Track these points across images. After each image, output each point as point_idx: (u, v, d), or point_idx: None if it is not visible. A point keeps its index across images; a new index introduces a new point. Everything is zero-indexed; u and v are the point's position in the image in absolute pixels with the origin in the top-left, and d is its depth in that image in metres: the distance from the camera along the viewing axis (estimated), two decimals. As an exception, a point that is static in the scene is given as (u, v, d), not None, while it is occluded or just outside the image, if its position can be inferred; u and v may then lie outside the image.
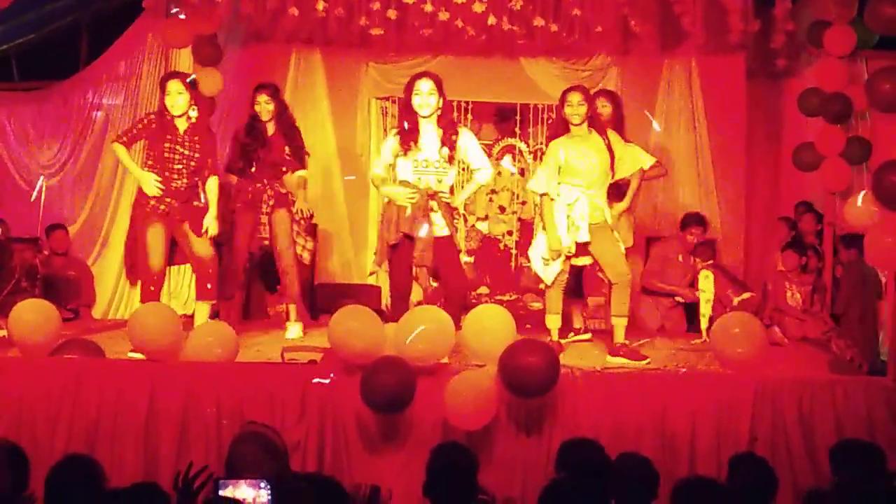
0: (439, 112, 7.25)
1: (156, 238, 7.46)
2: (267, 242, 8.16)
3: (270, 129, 8.08)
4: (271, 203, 8.04)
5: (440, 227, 7.22)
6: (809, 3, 8.96)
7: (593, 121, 7.37)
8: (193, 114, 7.54)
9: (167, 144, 7.46)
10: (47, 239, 9.34)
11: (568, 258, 7.33)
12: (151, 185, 7.42)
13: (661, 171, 8.66)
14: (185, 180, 7.48)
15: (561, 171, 7.29)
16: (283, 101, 8.26)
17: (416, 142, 7.23)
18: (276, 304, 9.24)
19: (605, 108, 8.10)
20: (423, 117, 7.21)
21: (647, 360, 7.22)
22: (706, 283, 8.47)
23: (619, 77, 10.02)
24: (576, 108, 7.27)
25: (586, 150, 7.28)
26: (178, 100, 7.47)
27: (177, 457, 6.29)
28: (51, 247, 9.31)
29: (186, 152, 7.47)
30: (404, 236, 7.20)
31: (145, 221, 7.49)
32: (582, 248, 7.30)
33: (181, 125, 7.50)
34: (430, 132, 7.23)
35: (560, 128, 7.43)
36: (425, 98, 7.19)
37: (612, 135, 7.52)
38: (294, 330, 8.13)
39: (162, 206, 7.45)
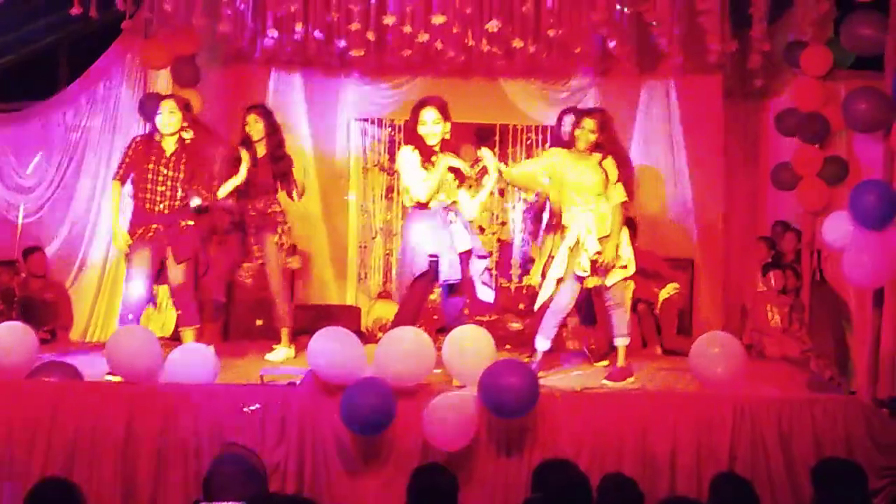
0: (447, 136, 7.27)
1: (138, 267, 7.41)
2: (248, 270, 8.13)
3: (260, 150, 8.07)
4: (253, 226, 8.01)
5: (462, 241, 7.23)
6: (786, 24, 9.02)
7: (599, 148, 7.37)
8: (187, 135, 7.50)
9: (150, 166, 7.42)
10: (24, 261, 9.27)
11: (581, 279, 7.33)
12: (119, 241, 7.47)
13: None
14: (167, 202, 7.42)
15: (563, 189, 7.34)
16: (275, 123, 8.21)
17: (429, 160, 7.23)
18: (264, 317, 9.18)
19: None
20: (431, 146, 7.23)
21: (632, 379, 7.27)
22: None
23: (598, 97, 10.04)
24: (586, 134, 7.30)
25: (582, 167, 7.31)
26: (170, 118, 7.44)
27: (155, 479, 6.27)
28: (28, 269, 9.24)
29: (171, 174, 7.42)
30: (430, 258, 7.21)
31: (133, 247, 7.44)
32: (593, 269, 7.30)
33: (168, 147, 7.47)
34: (438, 158, 7.24)
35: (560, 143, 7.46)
36: (430, 127, 7.22)
37: (609, 162, 7.43)
38: (280, 353, 8.05)
39: (149, 234, 7.42)
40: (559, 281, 7.37)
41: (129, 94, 9.50)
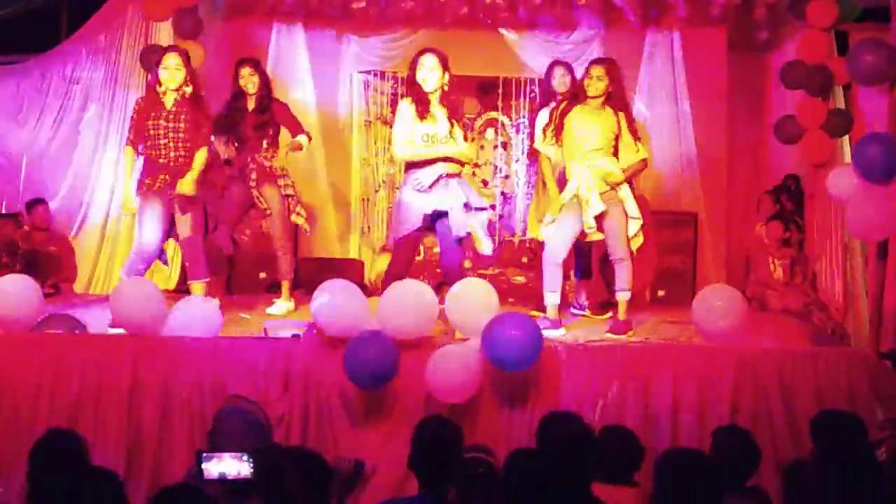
0: (444, 89, 7.33)
1: (149, 215, 7.41)
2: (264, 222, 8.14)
3: (251, 103, 8.02)
4: (254, 177, 7.96)
5: (460, 196, 7.27)
6: (791, -25, 8.94)
7: (611, 98, 7.29)
8: (188, 89, 7.46)
9: (151, 122, 7.39)
10: (28, 214, 9.26)
11: (585, 236, 7.33)
12: (126, 205, 7.59)
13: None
14: (172, 154, 7.39)
15: (565, 144, 7.31)
16: (266, 75, 8.19)
17: (427, 112, 7.28)
18: (268, 270, 9.19)
19: (564, 77, 8.08)
20: (428, 92, 7.28)
21: (632, 333, 7.30)
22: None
23: (602, 50, 9.97)
24: (595, 82, 7.23)
25: (592, 119, 7.25)
26: (175, 74, 7.40)
27: (159, 430, 6.30)
28: (32, 221, 9.22)
29: (171, 125, 7.38)
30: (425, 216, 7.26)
31: (143, 199, 7.44)
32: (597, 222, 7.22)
33: (168, 100, 7.43)
34: (436, 107, 7.31)
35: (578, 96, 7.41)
36: (428, 72, 7.27)
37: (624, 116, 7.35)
38: (281, 306, 8.05)
39: (156, 185, 7.39)
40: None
41: (131, 46, 9.45)
